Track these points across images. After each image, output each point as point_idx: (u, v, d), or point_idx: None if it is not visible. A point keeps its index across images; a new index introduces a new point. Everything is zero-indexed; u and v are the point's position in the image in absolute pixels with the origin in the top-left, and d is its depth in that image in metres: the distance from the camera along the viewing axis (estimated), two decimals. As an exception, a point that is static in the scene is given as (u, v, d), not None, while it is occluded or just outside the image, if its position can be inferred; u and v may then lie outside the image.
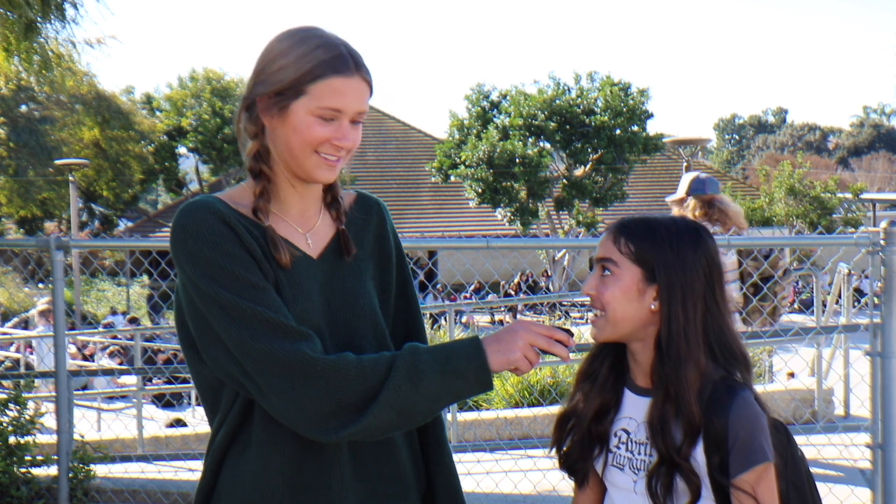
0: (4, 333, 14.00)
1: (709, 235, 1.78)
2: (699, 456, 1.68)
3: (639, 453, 1.76)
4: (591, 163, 25.60)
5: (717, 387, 1.70)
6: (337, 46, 1.64)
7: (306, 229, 1.73)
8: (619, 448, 1.80)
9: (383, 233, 1.82)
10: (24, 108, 27.95)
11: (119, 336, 14.43)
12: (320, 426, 1.55)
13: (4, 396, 4.69)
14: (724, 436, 1.66)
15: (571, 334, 1.65)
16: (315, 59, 1.61)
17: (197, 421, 8.69)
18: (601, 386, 1.82)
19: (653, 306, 1.73)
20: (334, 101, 1.61)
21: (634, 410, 1.79)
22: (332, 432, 1.55)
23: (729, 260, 5.44)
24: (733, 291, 5.46)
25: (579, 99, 25.67)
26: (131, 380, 10.34)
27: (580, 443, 1.83)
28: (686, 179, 5.57)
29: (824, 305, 7.92)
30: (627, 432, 1.79)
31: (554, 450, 1.90)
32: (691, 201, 5.49)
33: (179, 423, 9.20)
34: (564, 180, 25.69)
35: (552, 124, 24.91)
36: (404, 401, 1.54)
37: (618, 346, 1.82)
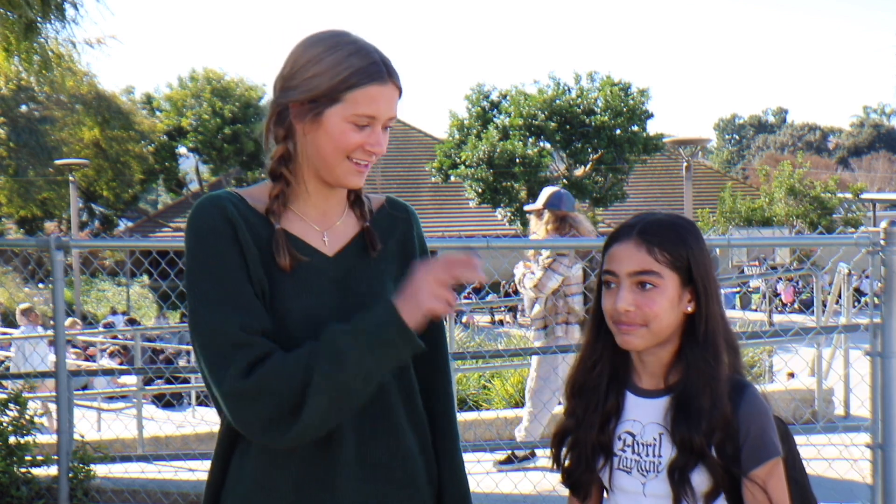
0: (4, 333, 14.00)
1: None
2: (712, 451, 1.69)
3: (646, 455, 1.75)
4: (591, 163, 25.60)
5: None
6: (370, 54, 1.65)
7: (325, 227, 1.73)
8: (624, 451, 1.78)
9: (408, 238, 1.82)
10: (24, 108, 27.90)
11: (119, 336, 14.42)
12: (264, 434, 1.56)
13: (4, 396, 4.69)
14: (735, 430, 1.68)
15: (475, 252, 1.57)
16: (351, 67, 1.62)
17: (197, 421, 8.69)
18: (604, 396, 1.80)
19: (689, 308, 1.73)
20: (370, 109, 1.63)
21: (639, 413, 1.78)
22: (277, 437, 1.55)
23: (575, 273, 5.53)
24: (576, 304, 5.55)
25: (579, 99, 25.66)
26: (131, 380, 10.34)
27: (585, 456, 1.81)
28: (546, 193, 5.74)
29: (824, 305, 7.92)
30: (632, 434, 1.77)
31: (555, 466, 1.88)
32: (547, 214, 5.65)
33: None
34: (564, 180, 25.66)
35: (552, 124, 24.90)
36: (335, 386, 1.53)
37: (615, 351, 1.80)
